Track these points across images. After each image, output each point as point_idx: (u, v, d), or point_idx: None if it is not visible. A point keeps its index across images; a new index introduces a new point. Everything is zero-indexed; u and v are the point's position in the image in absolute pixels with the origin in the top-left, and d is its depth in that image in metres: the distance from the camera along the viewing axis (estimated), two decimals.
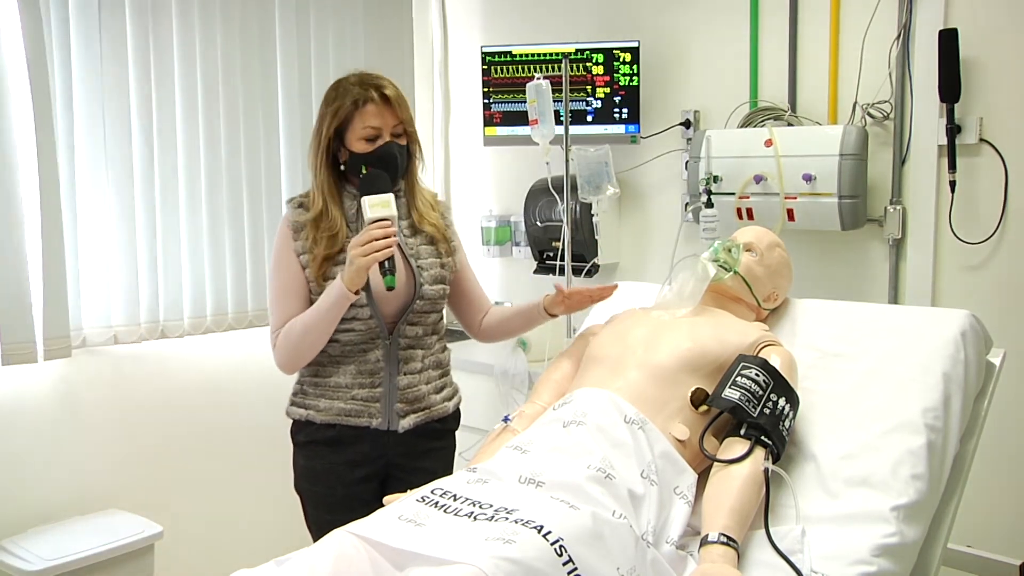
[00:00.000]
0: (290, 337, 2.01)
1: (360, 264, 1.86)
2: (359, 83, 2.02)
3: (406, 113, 2.04)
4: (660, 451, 1.64)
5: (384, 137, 2.01)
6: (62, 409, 2.77)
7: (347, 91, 2.02)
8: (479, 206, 3.79)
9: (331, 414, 2.05)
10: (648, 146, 3.29)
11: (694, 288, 1.93)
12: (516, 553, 1.28)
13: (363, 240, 1.87)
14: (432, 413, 2.11)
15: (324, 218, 2.03)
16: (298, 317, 2.00)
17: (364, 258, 1.85)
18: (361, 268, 1.87)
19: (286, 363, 2.05)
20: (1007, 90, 2.56)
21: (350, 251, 1.89)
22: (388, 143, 2.01)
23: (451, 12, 3.93)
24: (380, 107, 2.00)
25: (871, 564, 1.53)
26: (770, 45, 2.99)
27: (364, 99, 1.99)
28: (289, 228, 2.06)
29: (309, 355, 2.03)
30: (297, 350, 2.02)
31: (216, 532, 3.11)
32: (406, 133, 2.06)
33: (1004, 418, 2.43)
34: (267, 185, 3.18)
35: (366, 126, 2.00)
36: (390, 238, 1.87)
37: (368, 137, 2.01)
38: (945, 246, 2.69)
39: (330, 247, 2.01)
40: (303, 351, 2.02)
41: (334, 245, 2.02)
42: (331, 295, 1.94)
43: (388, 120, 2.01)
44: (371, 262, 1.86)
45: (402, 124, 2.04)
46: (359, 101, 2.00)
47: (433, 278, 2.08)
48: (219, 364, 3.17)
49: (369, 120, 2.00)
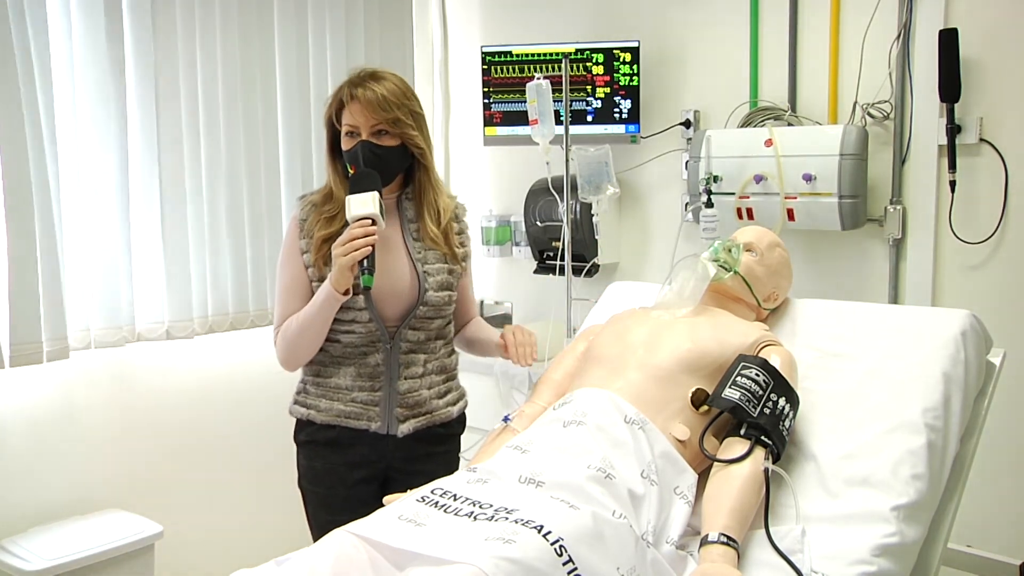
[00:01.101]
0: (287, 335, 2.02)
1: (341, 264, 1.86)
2: (350, 80, 2.01)
3: (391, 114, 1.96)
4: (660, 451, 1.64)
5: (361, 136, 1.99)
6: (63, 409, 2.77)
7: (341, 86, 2.02)
8: (479, 206, 3.79)
9: (331, 415, 2.05)
10: (648, 146, 3.29)
11: (694, 288, 1.93)
12: (516, 553, 1.28)
13: (344, 239, 1.86)
14: (434, 418, 2.10)
15: (329, 200, 2.05)
16: (295, 315, 2.01)
17: (344, 257, 1.85)
18: (342, 268, 1.86)
19: (285, 360, 2.06)
20: (1007, 90, 2.56)
21: (333, 250, 1.89)
22: (360, 143, 1.97)
23: (451, 12, 3.93)
24: (359, 106, 1.97)
25: (871, 564, 1.53)
26: (770, 45, 2.99)
27: (350, 96, 1.98)
28: (295, 225, 2.06)
29: (307, 353, 2.04)
30: (294, 348, 2.02)
31: (216, 532, 3.11)
32: (397, 135, 2.00)
33: (1004, 418, 2.43)
34: (267, 185, 3.18)
35: (346, 123, 2.00)
36: (369, 237, 1.86)
37: (348, 133, 2.00)
38: (945, 246, 2.69)
39: (326, 227, 2.01)
40: (300, 349, 2.03)
41: (331, 225, 2.01)
42: (321, 295, 1.95)
43: (368, 120, 1.97)
44: (350, 261, 1.85)
45: (382, 125, 1.98)
46: (343, 98, 2.00)
47: (439, 284, 2.06)
48: (220, 365, 3.17)
49: (347, 118, 1.99)
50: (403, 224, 2.07)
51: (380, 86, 1.98)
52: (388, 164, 2.00)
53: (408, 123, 2.00)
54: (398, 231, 2.06)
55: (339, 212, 2.01)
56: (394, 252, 2.04)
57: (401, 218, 2.08)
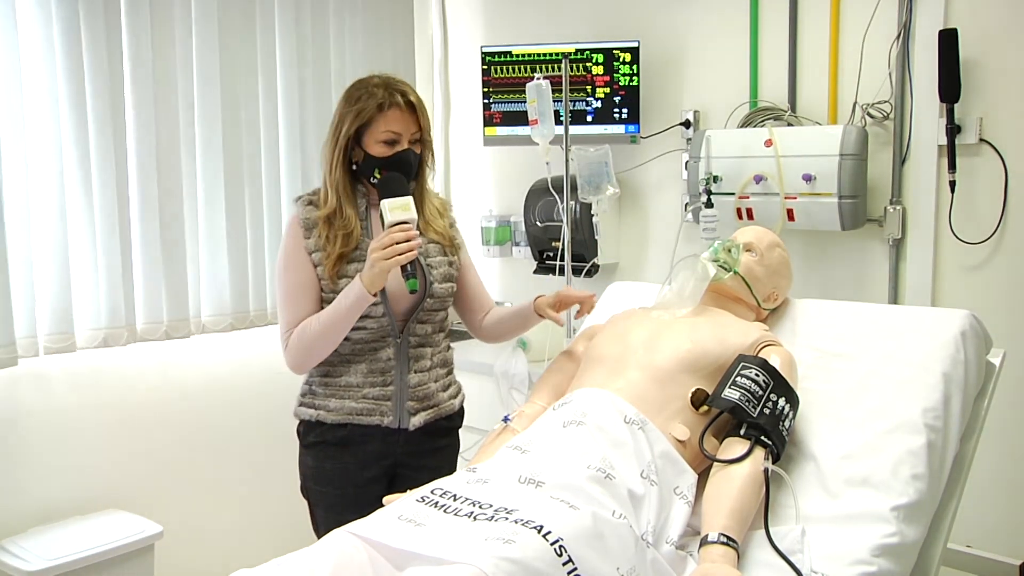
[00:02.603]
0: (304, 337, 2.00)
1: (382, 267, 1.87)
2: (384, 86, 2.02)
3: (426, 121, 2.06)
4: (660, 451, 1.64)
5: (402, 143, 2.02)
6: (62, 409, 2.77)
7: (372, 93, 2.01)
8: (479, 206, 3.79)
9: (342, 414, 2.05)
10: (648, 146, 3.29)
11: (694, 288, 1.93)
12: (516, 553, 1.28)
13: (384, 243, 1.87)
14: (441, 411, 2.13)
15: (338, 216, 2.04)
16: (314, 317, 2.00)
17: (386, 261, 1.86)
18: (383, 271, 1.87)
19: (299, 364, 2.05)
20: (1007, 90, 2.56)
21: (371, 254, 1.88)
22: (406, 149, 2.02)
23: (451, 12, 3.93)
24: (404, 113, 2.01)
25: (871, 564, 1.53)
26: (770, 45, 2.99)
27: (389, 103, 2.00)
28: (300, 226, 2.05)
29: (322, 355, 2.03)
30: (312, 350, 2.01)
31: (216, 532, 3.11)
32: (422, 140, 2.07)
33: (1004, 418, 2.43)
34: (267, 185, 3.17)
35: (387, 130, 2.00)
36: (412, 241, 1.88)
37: (387, 141, 2.01)
38: (945, 246, 2.69)
39: (345, 245, 2.02)
40: (317, 351, 2.02)
41: (349, 243, 2.02)
42: (350, 296, 1.94)
43: (409, 127, 2.03)
44: (393, 265, 1.86)
45: (421, 132, 2.05)
46: (384, 104, 2.00)
47: (443, 276, 2.10)
48: (219, 365, 3.16)
49: (391, 124, 2.00)
50: None
51: (413, 93, 2.05)
52: (415, 169, 2.07)
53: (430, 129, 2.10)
54: None
55: (355, 228, 2.03)
56: None
57: None
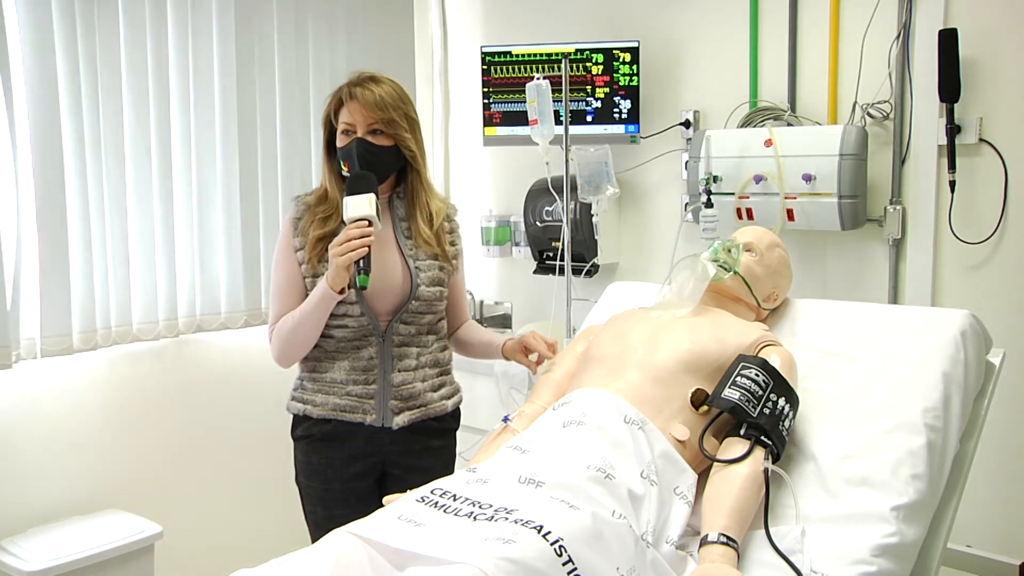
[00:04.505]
0: (282, 332, 2.06)
1: (338, 263, 1.90)
2: (350, 80, 2.07)
3: (386, 115, 2.01)
4: (660, 451, 1.64)
5: (356, 134, 2.03)
6: (62, 409, 2.77)
7: (341, 87, 2.07)
8: (479, 206, 3.79)
9: (327, 409, 2.08)
10: (648, 146, 3.29)
11: (694, 288, 1.93)
12: (516, 553, 1.28)
13: (341, 240, 1.90)
14: (428, 411, 2.12)
15: (324, 201, 2.09)
16: (290, 313, 2.05)
17: (340, 257, 1.89)
18: (339, 267, 1.91)
19: (280, 357, 2.10)
20: (1007, 90, 2.56)
21: (330, 250, 1.93)
22: (355, 140, 2.02)
23: (451, 12, 3.93)
24: (357, 105, 2.02)
25: (871, 564, 1.53)
26: (770, 45, 2.99)
27: (349, 95, 2.03)
28: (290, 225, 2.10)
29: (301, 350, 2.08)
30: (290, 345, 2.06)
31: (216, 532, 3.11)
32: (391, 136, 2.04)
33: (1004, 418, 2.43)
34: (264, 185, 3.17)
35: (343, 122, 2.04)
36: (366, 238, 1.89)
37: (344, 131, 2.04)
38: (945, 246, 2.69)
39: (322, 227, 2.05)
40: (295, 346, 2.07)
41: (326, 225, 2.06)
42: (316, 293, 1.99)
43: (362, 118, 2.02)
44: (346, 261, 1.89)
45: (378, 124, 2.02)
46: (341, 97, 2.05)
47: (431, 280, 2.10)
48: (219, 364, 3.17)
49: (344, 116, 2.04)
50: (394, 222, 2.12)
51: (379, 88, 2.04)
52: (381, 163, 2.05)
53: (402, 125, 2.05)
54: (390, 228, 2.11)
55: (334, 212, 2.06)
56: (386, 248, 2.08)
57: (392, 216, 2.12)
